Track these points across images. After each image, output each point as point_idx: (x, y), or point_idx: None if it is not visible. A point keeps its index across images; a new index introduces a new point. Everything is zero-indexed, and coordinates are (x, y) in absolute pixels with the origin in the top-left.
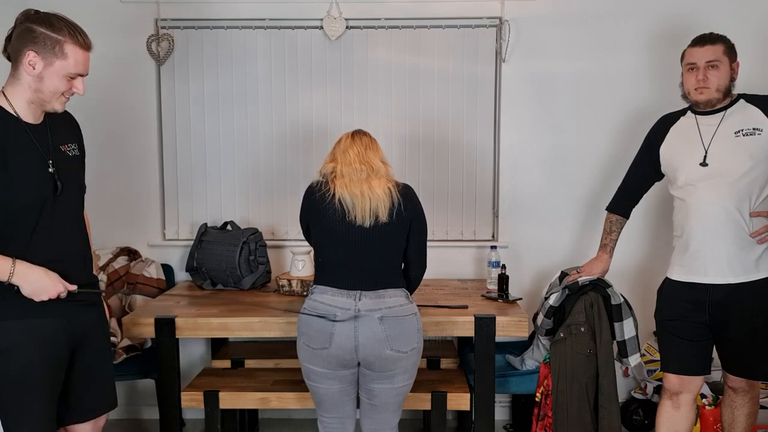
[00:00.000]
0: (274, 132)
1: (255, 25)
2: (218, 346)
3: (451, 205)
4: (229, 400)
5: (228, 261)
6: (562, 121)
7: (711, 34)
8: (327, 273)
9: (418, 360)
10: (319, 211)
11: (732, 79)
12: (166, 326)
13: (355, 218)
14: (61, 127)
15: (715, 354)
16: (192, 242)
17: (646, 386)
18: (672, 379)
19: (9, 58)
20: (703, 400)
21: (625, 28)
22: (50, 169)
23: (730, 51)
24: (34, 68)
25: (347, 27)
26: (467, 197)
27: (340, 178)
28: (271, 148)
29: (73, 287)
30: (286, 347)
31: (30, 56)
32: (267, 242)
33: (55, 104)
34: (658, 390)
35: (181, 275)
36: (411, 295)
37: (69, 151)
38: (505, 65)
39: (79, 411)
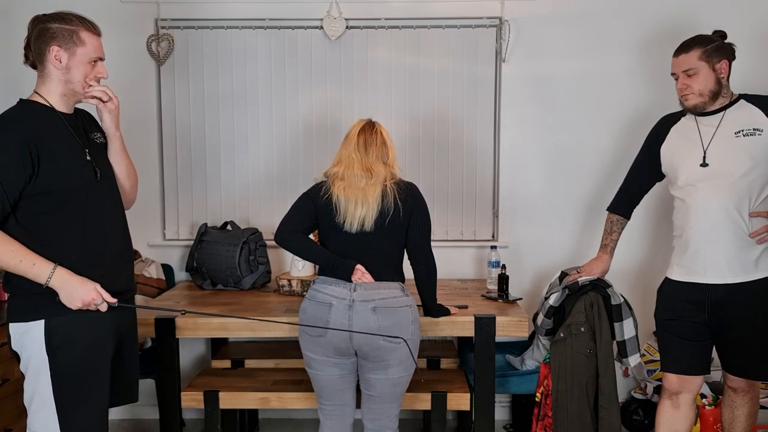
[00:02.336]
0: (274, 132)
1: (255, 25)
2: (218, 346)
3: (451, 205)
4: (229, 400)
5: (228, 261)
6: (562, 121)
7: (687, 41)
8: None
9: (413, 352)
10: (324, 207)
11: (718, 80)
12: (166, 326)
13: (343, 223)
14: (85, 118)
15: (715, 354)
16: (192, 242)
17: (646, 386)
18: (672, 379)
19: (33, 65)
20: (703, 400)
21: (625, 27)
22: (88, 157)
23: (709, 53)
24: (60, 61)
25: (347, 27)
26: (467, 197)
27: (340, 181)
28: (271, 148)
29: (113, 300)
30: (286, 347)
31: (54, 51)
32: (267, 242)
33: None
34: (658, 390)
35: (181, 275)
36: (436, 293)
37: (97, 139)
38: (505, 65)
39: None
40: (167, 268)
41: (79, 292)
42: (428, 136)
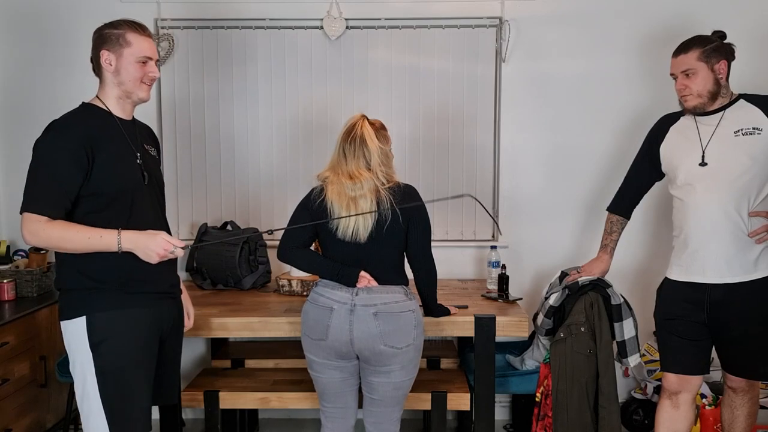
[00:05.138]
0: (274, 132)
1: (255, 25)
2: (218, 346)
3: (452, 204)
4: (229, 400)
5: (228, 261)
6: (562, 121)
7: (686, 42)
8: None
9: (416, 357)
10: (319, 214)
11: (717, 80)
12: None
13: (336, 229)
14: (144, 131)
15: (714, 354)
16: (192, 242)
17: (646, 386)
18: (671, 379)
19: (99, 75)
20: (703, 400)
21: (625, 27)
22: (138, 161)
23: (708, 54)
24: (111, 64)
25: (347, 27)
26: (467, 197)
27: (331, 185)
28: (271, 147)
29: (183, 243)
30: (286, 347)
31: (105, 55)
32: (267, 242)
33: (139, 93)
34: (658, 390)
35: (181, 275)
36: (436, 294)
37: (150, 150)
38: (505, 65)
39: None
40: None
41: (151, 246)
42: (428, 135)
